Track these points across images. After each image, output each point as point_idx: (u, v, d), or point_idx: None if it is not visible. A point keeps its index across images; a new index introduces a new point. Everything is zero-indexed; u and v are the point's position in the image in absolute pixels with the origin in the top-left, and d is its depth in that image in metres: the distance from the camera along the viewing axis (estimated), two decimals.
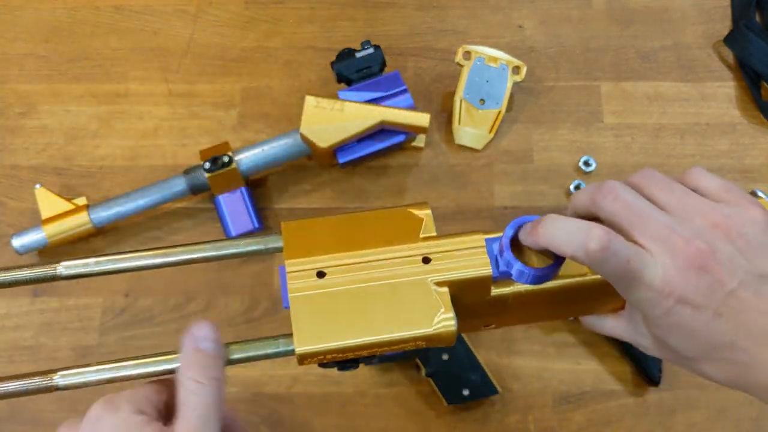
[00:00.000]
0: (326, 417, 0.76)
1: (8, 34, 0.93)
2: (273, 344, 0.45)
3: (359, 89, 0.81)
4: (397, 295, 0.40)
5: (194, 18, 0.94)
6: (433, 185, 0.85)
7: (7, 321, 0.80)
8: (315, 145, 0.78)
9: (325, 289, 0.41)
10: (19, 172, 0.86)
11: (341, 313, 0.40)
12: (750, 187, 0.84)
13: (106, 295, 0.81)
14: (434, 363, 0.73)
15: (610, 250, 0.37)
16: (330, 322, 0.40)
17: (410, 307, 0.40)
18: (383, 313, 0.40)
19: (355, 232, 0.43)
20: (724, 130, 0.87)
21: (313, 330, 0.40)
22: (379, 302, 0.40)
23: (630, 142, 0.87)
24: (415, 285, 0.40)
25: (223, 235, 0.80)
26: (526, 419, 0.76)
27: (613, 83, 0.90)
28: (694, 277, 0.37)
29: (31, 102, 0.89)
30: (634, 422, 0.75)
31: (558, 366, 0.78)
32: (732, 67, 0.91)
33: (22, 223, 0.84)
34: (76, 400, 0.77)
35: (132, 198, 0.80)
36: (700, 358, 0.40)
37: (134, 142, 0.88)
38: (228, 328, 0.79)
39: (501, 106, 0.85)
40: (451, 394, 0.73)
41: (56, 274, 0.45)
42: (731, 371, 0.39)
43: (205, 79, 0.91)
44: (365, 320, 0.40)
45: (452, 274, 0.41)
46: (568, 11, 0.94)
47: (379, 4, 0.95)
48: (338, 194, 0.85)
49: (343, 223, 0.43)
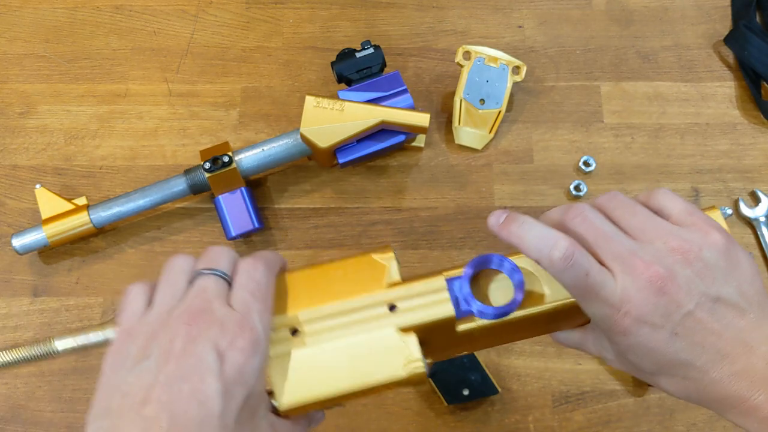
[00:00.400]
0: (326, 417, 0.76)
1: (8, 34, 0.93)
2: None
3: (359, 89, 0.81)
4: (367, 345, 0.42)
5: (194, 18, 0.94)
6: (433, 185, 0.85)
7: (7, 321, 0.80)
8: (315, 145, 0.78)
9: (300, 348, 0.43)
10: (19, 172, 0.86)
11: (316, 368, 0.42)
12: (750, 187, 0.84)
13: (106, 295, 0.81)
14: (434, 363, 0.73)
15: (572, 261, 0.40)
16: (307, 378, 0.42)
17: (381, 355, 0.42)
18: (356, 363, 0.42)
19: (324, 285, 0.44)
20: (724, 130, 0.88)
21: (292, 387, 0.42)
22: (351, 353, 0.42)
23: (630, 142, 0.87)
24: (384, 333, 0.42)
25: (223, 235, 0.80)
26: (526, 419, 0.76)
27: (613, 83, 0.90)
28: (652, 298, 0.39)
29: (31, 102, 0.90)
30: (634, 422, 0.75)
31: (558, 366, 0.78)
32: (732, 67, 0.91)
33: (22, 223, 0.84)
34: (76, 400, 0.77)
35: (132, 198, 0.80)
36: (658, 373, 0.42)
37: (134, 142, 0.88)
38: None
39: (501, 106, 0.85)
40: (451, 394, 0.73)
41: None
42: (687, 387, 0.41)
43: (205, 79, 0.91)
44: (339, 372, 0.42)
45: (417, 319, 0.43)
46: (568, 11, 0.94)
47: (379, 4, 0.95)
48: (338, 194, 0.85)
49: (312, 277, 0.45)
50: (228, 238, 0.80)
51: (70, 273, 0.82)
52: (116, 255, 0.83)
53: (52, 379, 0.78)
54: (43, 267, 0.82)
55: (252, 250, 0.82)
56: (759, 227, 0.82)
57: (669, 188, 0.52)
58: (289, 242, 0.83)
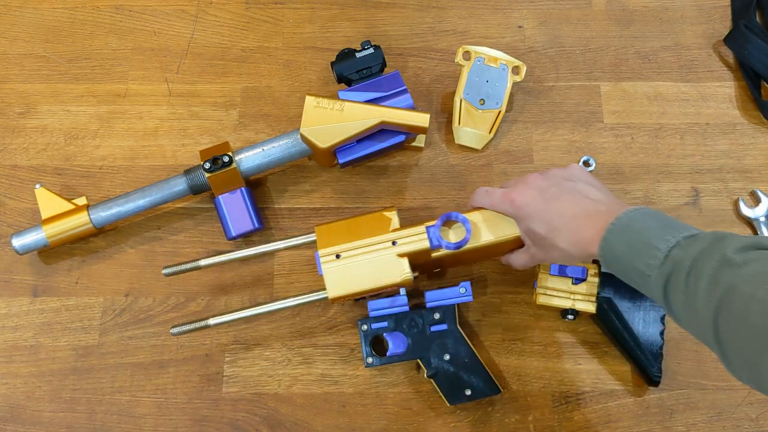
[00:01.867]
0: (326, 417, 0.76)
1: (8, 34, 0.93)
2: (311, 296, 0.74)
3: (359, 89, 0.81)
4: (379, 264, 0.71)
5: (194, 18, 0.94)
6: (433, 185, 0.85)
7: (7, 321, 0.80)
8: (315, 145, 0.78)
9: (340, 264, 0.72)
10: (19, 172, 0.86)
11: (350, 276, 0.71)
12: (750, 187, 0.84)
13: (106, 295, 0.81)
14: (436, 363, 0.73)
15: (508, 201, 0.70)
16: (344, 281, 0.71)
17: (386, 269, 0.71)
18: (372, 273, 0.71)
19: (354, 229, 0.73)
20: (724, 130, 0.88)
21: (335, 286, 0.71)
22: (369, 268, 0.71)
23: (630, 142, 0.87)
24: (388, 257, 0.71)
25: (223, 235, 0.80)
26: (526, 419, 0.76)
27: (613, 83, 0.90)
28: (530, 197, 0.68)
29: (31, 102, 0.90)
30: (634, 422, 0.75)
31: (558, 366, 0.78)
32: (732, 67, 0.91)
33: (22, 223, 0.84)
34: (76, 400, 0.77)
35: (132, 198, 0.80)
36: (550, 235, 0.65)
37: (134, 142, 0.88)
38: (228, 327, 0.79)
39: (501, 106, 0.85)
40: (453, 395, 0.73)
41: None
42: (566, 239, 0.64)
43: (205, 79, 0.91)
44: (363, 279, 0.71)
45: (408, 249, 0.71)
46: (568, 11, 0.94)
47: (379, 4, 0.95)
48: (338, 194, 0.85)
49: (346, 225, 0.74)
50: (228, 238, 0.80)
51: (70, 273, 0.82)
52: (116, 255, 0.83)
53: (52, 379, 0.78)
54: (43, 267, 0.82)
55: None
56: (759, 227, 0.82)
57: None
58: None
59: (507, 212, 0.70)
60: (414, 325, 0.75)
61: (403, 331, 0.74)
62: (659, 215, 0.60)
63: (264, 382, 0.77)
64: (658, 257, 0.56)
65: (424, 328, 0.74)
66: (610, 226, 0.59)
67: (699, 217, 0.83)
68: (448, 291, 0.75)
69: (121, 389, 0.77)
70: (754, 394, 0.76)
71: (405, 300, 0.74)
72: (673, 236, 0.56)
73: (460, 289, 0.75)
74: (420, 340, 0.74)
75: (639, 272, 0.57)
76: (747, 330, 0.50)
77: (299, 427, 0.76)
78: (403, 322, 0.75)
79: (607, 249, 0.59)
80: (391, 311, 0.75)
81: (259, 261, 0.82)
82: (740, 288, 0.50)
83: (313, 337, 0.79)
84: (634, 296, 0.74)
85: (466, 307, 0.80)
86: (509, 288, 0.80)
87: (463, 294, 0.75)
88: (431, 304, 0.75)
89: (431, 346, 0.74)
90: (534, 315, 0.79)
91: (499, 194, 0.70)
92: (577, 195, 0.66)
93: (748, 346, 0.50)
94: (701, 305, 0.53)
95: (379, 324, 0.74)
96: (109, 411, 0.76)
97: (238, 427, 0.76)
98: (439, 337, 0.74)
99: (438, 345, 0.74)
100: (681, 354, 0.78)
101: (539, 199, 0.66)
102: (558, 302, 0.75)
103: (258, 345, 0.79)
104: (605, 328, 0.76)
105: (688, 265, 0.54)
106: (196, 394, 0.77)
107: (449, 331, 0.74)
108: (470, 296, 0.75)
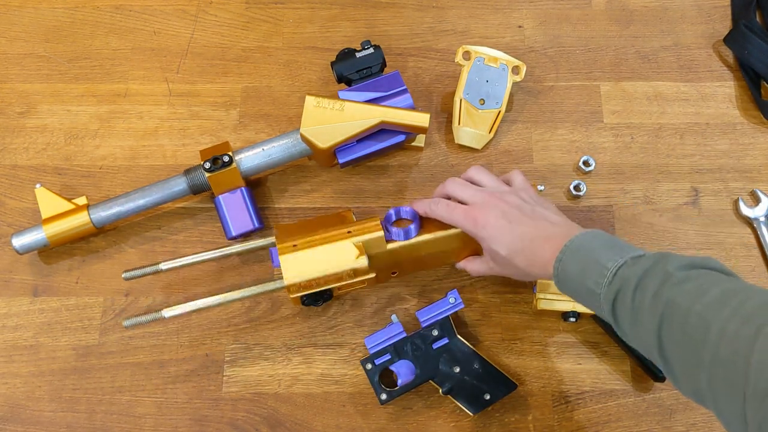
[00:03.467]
0: (326, 417, 0.76)
1: (8, 34, 0.93)
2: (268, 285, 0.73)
3: (359, 89, 0.81)
4: (336, 251, 0.72)
5: (194, 18, 0.94)
6: (433, 185, 0.85)
7: (7, 321, 0.80)
8: (315, 145, 0.78)
9: (298, 254, 0.72)
10: (19, 171, 0.86)
11: (306, 263, 0.71)
12: (750, 187, 0.84)
13: (107, 295, 0.81)
14: (448, 379, 0.73)
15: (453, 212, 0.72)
16: (301, 268, 0.71)
17: (343, 255, 0.71)
18: (329, 259, 0.71)
19: (312, 227, 0.74)
20: (724, 130, 0.88)
21: (293, 272, 0.71)
22: (327, 255, 0.71)
23: (630, 142, 0.87)
24: (345, 245, 0.72)
25: (223, 235, 0.80)
26: (526, 419, 0.76)
27: (613, 83, 0.90)
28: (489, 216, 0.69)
29: (31, 102, 0.90)
30: (634, 422, 0.75)
31: (558, 366, 0.78)
32: (732, 67, 0.91)
33: (22, 222, 0.84)
34: (75, 400, 0.77)
35: (132, 198, 0.80)
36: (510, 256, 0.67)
37: (134, 141, 0.88)
38: (228, 327, 0.79)
39: (501, 106, 0.85)
40: (474, 404, 0.73)
41: None
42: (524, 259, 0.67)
43: (205, 79, 0.91)
44: (320, 264, 0.71)
45: (363, 239, 0.72)
46: (568, 11, 0.94)
47: (379, 4, 0.95)
48: (338, 194, 0.85)
49: (306, 223, 0.77)
50: (228, 237, 0.80)
51: (70, 273, 0.82)
52: (116, 255, 0.83)
53: (52, 378, 0.78)
54: (43, 267, 0.82)
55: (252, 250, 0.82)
56: (759, 227, 0.82)
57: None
58: None
59: (468, 231, 0.71)
60: (416, 348, 0.74)
61: (407, 357, 0.74)
62: (609, 238, 0.63)
63: (264, 382, 0.77)
64: (607, 276, 0.58)
65: (427, 348, 0.74)
66: (564, 247, 0.62)
67: (699, 216, 0.83)
68: (438, 304, 0.75)
69: (121, 389, 0.77)
70: None
71: (400, 327, 0.74)
72: (621, 256, 0.59)
73: (450, 299, 0.75)
74: (426, 361, 0.73)
75: (589, 290, 0.60)
76: (685, 342, 0.52)
77: (299, 427, 0.76)
78: (404, 348, 0.74)
79: (560, 269, 0.62)
80: (389, 342, 0.74)
81: (259, 261, 0.82)
82: (679, 302, 0.53)
83: (313, 337, 0.79)
84: None
85: (466, 308, 0.80)
86: (509, 288, 0.80)
87: (454, 303, 0.75)
88: (426, 321, 0.75)
89: (439, 364, 0.73)
90: (534, 315, 0.79)
91: (461, 211, 0.71)
92: (537, 218, 0.68)
93: (688, 358, 0.53)
94: (646, 320, 0.55)
95: (381, 358, 0.74)
96: (109, 411, 0.76)
97: (238, 427, 0.76)
98: (444, 352, 0.74)
99: (445, 360, 0.73)
100: None
101: (503, 221, 0.68)
102: (559, 306, 0.75)
103: (258, 345, 0.79)
104: (607, 327, 0.76)
105: (634, 282, 0.56)
106: (196, 394, 0.77)
107: (452, 343, 0.74)
108: (461, 303, 0.75)
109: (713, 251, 0.82)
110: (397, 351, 0.74)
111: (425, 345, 0.74)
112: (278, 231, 0.75)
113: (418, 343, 0.74)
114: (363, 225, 0.73)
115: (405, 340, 0.74)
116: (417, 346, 0.74)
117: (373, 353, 0.74)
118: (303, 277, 0.71)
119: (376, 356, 0.74)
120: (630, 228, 0.83)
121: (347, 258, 0.71)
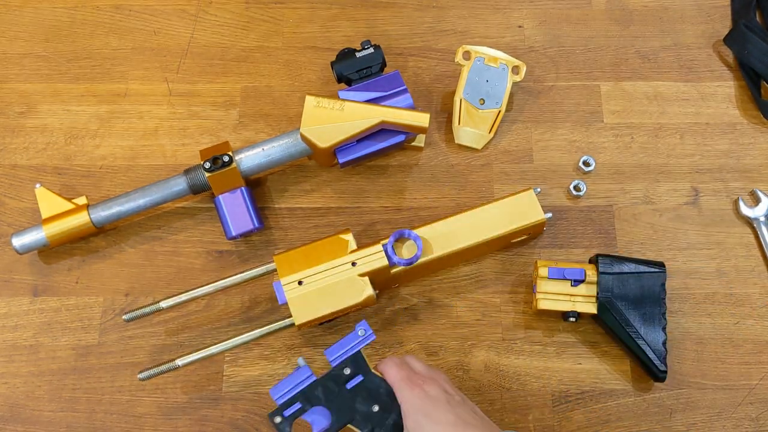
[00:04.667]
0: None
1: (8, 34, 0.93)
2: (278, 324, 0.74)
3: (359, 89, 0.81)
4: (342, 286, 0.73)
5: (194, 18, 0.94)
6: (433, 185, 0.85)
7: (7, 321, 0.80)
8: (315, 145, 0.78)
9: (303, 290, 0.73)
10: (19, 171, 0.86)
11: (315, 300, 0.73)
12: (750, 187, 0.84)
13: (106, 295, 0.81)
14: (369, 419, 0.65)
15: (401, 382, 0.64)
16: (310, 306, 0.73)
17: (349, 290, 0.73)
18: (336, 295, 0.73)
19: (313, 255, 0.75)
20: (724, 130, 0.88)
21: (301, 312, 0.73)
22: (333, 290, 0.73)
23: (630, 142, 0.87)
24: (350, 278, 0.74)
25: (223, 235, 0.80)
26: (526, 419, 0.76)
27: (613, 83, 0.90)
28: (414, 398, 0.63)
29: (31, 102, 0.90)
30: (634, 422, 0.75)
31: (558, 366, 0.78)
32: (732, 67, 0.91)
33: (22, 222, 0.84)
34: (75, 400, 0.77)
35: (132, 197, 0.80)
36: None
37: (134, 141, 0.88)
38: (228, 327, 0.79)
39: (501, 105, 0.85)
40: None
41: None
42: None
43: (205, 79, 0.91)
44: (327, 301, 0.73)
45: (368, 268, 0.74)
46: (568, 11, 0.94)
47: (379, 4, 0.95)
48: (338, 194, 0.85)
49: (305, 252, 0.75)
50: (228, 237, 0.80)
51: (70, 273, 0.82)
52: (116, 255, 0.83)
53: (52, 378, 0.78)
54: (43, 267, 0.82)
55: (252, 250, 0.82)
56: (759, 227, 0.82)
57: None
58: (289, 242, 0.83)
59: (409, 400, 0.62)
60: (329, 391, 0.65)
61: (319, 403, 0.64)
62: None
63: (264, 382, 0.77)
64: None
65: (341, 390, 0.65)
66: None
67: (699, 216, 0.83)
68: (347, 339, 0.67)
69: (121, 389, 0.77)
70: (755, 393, 0.76)
71: (308, 370, 0.65)
72: None
73: (359, 332, 0.67)
74: (342, 403, 0.64)
75: None
76: None
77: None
78: (315, 394, 0.65)
79: None
80: (298, 389, 0.65)
81: (259, 261, 0.82)
82: None
83: (312, 336, 0.79)
84: (634, 294, 0.74)
85: (466, 308, 0.80)
86: (509, 288, 0.80)
87: (364, 335, 0.67)
88: (335, 360, 0.66)
89: (355, 404, 0.64)
90: (534, 315, 0.79)
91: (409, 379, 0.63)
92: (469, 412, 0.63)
93: None
94: None
95: (291, 408, 0.64)
96: (109, 411, 0.76)
97: (238, 427, 0.76)
98: (360, 391, 0.65)
99: (362, 399, 0.65)
100: (681, 353, 0.78)
101: (444, 402, 0.62)
102: (559, 306, 0.75)
103: (258, 345, 0.79)
104: (607, 327, 0.76)
105: None
106: (196, 393, 0.77)
107: (367, 380, 0.65)
108: (372, 335, 0.67)
109: (713, 251, 0.82)
110: (307, 398, 0.64)
111: (338, 386, 0.65)
112: (279, 263, 0.74)
113: (329, 385, 0.65)
114: (366, 254, 0.74)
115: (315, 384, 0.65)
116: (329, 389, 0.65)
117: (281, 404, 0.64)
118: (313, 315, 0.72)
119: (285, 407, 0.64)
120: (630, 228, 0.83)
121: (355, 294, 0.73)
